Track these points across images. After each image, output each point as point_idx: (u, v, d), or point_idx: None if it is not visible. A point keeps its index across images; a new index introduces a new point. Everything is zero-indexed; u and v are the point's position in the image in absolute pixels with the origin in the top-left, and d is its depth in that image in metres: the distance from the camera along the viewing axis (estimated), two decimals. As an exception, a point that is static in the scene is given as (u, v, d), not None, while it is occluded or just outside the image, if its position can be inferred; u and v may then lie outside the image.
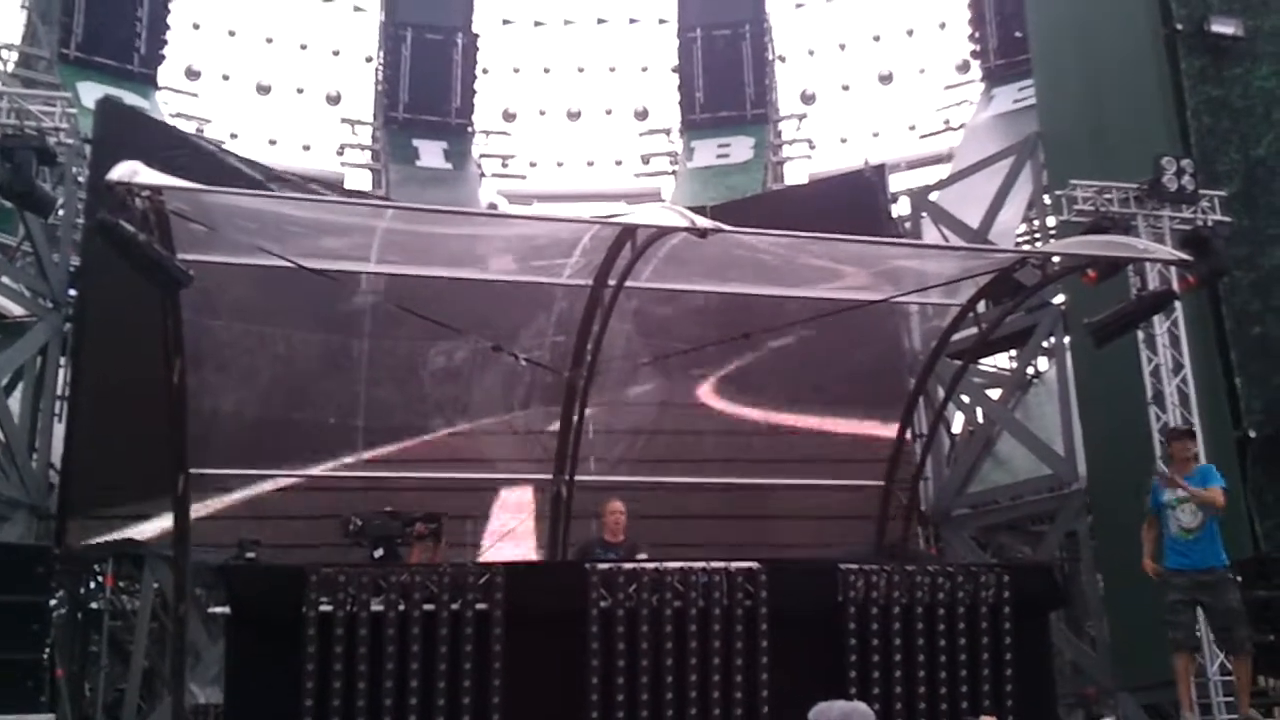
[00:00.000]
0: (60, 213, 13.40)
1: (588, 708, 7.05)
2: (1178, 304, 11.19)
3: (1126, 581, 11.93)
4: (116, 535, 12.60)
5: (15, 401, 13.18)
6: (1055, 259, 9.73)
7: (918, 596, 7.63)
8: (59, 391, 13.32)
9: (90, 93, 17.55)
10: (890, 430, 11.82)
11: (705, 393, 13.64)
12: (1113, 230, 10.98)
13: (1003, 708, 7.54)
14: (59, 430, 13.07)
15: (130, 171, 7.03)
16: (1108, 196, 11.63)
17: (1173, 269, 10.83)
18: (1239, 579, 8.94)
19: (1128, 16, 13.32)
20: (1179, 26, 12.93)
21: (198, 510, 8.78)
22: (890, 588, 7.59)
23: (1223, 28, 12.86)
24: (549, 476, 10.75)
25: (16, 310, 13.81)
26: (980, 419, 15.83)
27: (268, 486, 12.12)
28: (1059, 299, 13.92)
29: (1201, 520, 8.28)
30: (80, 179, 13.97)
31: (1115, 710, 12.31)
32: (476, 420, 12.70)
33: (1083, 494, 13.23)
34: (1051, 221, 14.59)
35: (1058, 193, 12.21)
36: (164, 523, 9.77)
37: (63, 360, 13.41)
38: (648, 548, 8.77)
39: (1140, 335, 11.35)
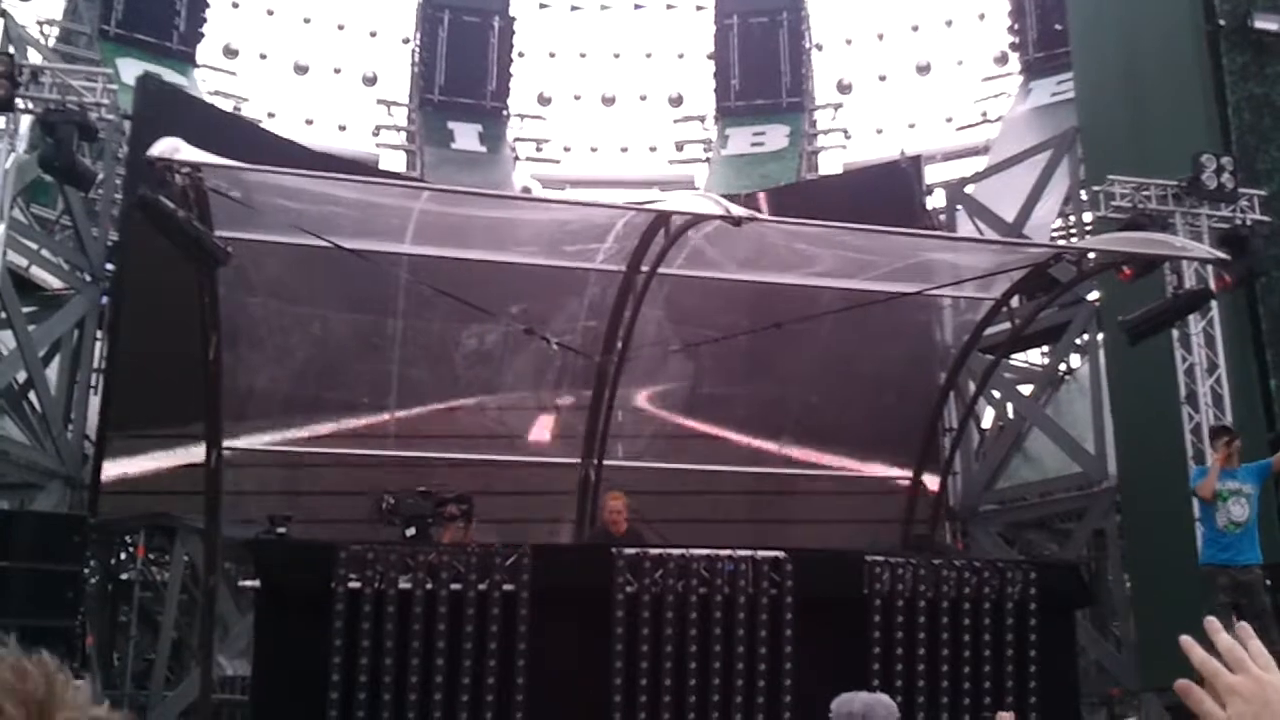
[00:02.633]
0: (100, 188, 13.53)
1: (611, 690, 7.10)
2: (1213, 303, 11.07)
3: (1154, 581, 11.89)
4: (149, 507, 12.77)
5: (52, 373, 13.36)
6: (1091, 255, 9.67)
7: (943, 590, 7.63)
8: (95, 364, 13.49)
9: (130, 69, 17.67)
10: (920, 424, 11.79)
11: (733, 381, 13.63)
12: (1150, 227, 10.87)
13: (1025, 705, 7.53)
14: (94, 402, 13.24)
15: (171, 148, 7.10)
16: (1146, 193, 11.50)
17: (1209, 267, 10.72)
18: (1268, 582, 8.87)
19: (1169, 11, 13.15)
20: (1221, 22, 12.74)
21: (229, 484, 8.86)
22: (916, 581, 7.60)
23: (1266, 24, 12.66)
24: (578, 460, 10.79)
25: (55, 283, 14.01)
26: (1011, 415, 15.74)
27: (300, 463, 12.25)
28: (1093, 295, 13.81)
29: (1249, 515, 8.26)
30: (120, 155, 14.13)
31: (1139, 711, 12.25)
32: (507, 402, 12.77)
33: (1112, 493, 13.15)
34: (1088, 217, 14.46)
35: (1095, 188, 12.08)
36: (195, 496, 9.88)
37: (99, 334, 13.58)
38: (654, 537, 8.79)
39: (1175, 334, 11.24)
